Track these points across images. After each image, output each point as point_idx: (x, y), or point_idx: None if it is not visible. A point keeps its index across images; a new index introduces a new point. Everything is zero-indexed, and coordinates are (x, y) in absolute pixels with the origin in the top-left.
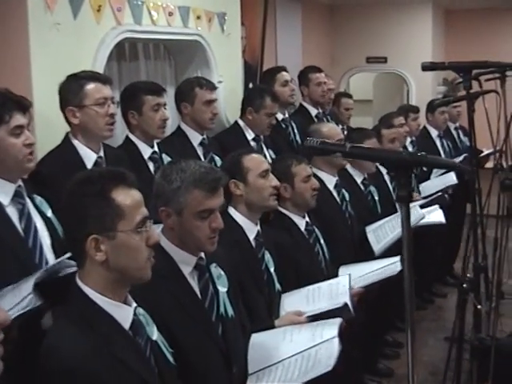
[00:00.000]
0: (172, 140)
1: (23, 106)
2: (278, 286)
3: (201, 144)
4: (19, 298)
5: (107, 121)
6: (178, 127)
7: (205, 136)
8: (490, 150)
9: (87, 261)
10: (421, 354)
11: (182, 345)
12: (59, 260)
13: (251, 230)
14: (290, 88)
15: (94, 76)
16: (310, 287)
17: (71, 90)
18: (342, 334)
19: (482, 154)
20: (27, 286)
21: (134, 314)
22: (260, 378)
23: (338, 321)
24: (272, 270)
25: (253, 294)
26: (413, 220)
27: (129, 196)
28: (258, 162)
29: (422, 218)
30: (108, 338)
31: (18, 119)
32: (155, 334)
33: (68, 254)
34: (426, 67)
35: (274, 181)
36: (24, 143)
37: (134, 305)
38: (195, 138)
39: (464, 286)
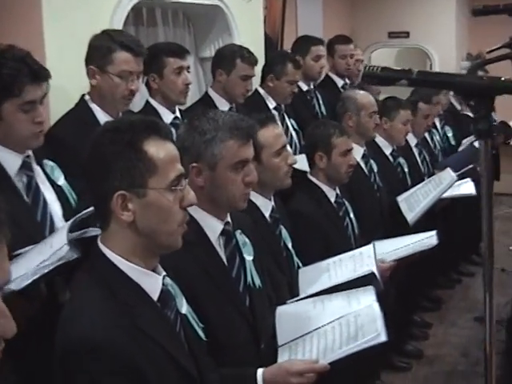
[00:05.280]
0: (197, 108)
1: (40, 76)
2: (296, 260)
3: None
4: (50, 252)
5: (125, 95)
6: (206, 93)
7: (233, 105)
8: None
9: (112, 221)
10: (449, 334)
11: (209, 318)
12: (84, 212)
13: (266, 206)
14: (319, 65)
15: (127, 44)
16: (330, 260)
17: (100, 49)
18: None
19: None
20: (59, 239)
21: (163, 284)
22: (293, 349)
23: (372, 288)
24: (290, 245)
25: (274, 273)
26: (445, 185)
27: (163, 149)
28: (273, 137)
29: (455, 181)
30: (134, 309)
31: (31, 93)
32: (184, 307)
33: (91, 208)
34: (478, 11)
35: (290, 158)
36: (34, 121)
37: (164, 273)
38: (223, 105)
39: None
